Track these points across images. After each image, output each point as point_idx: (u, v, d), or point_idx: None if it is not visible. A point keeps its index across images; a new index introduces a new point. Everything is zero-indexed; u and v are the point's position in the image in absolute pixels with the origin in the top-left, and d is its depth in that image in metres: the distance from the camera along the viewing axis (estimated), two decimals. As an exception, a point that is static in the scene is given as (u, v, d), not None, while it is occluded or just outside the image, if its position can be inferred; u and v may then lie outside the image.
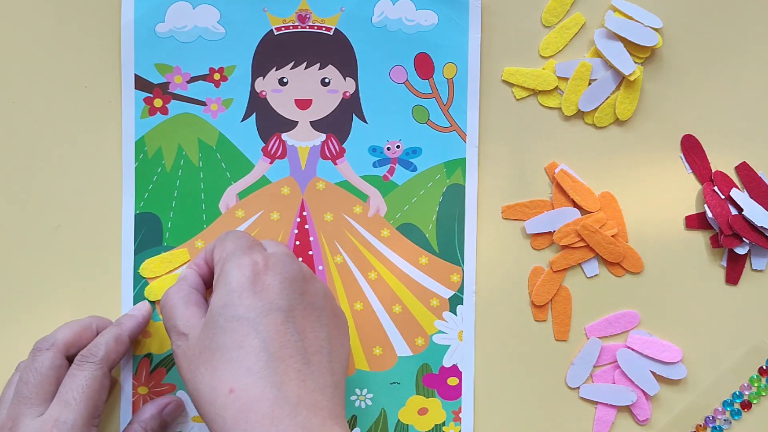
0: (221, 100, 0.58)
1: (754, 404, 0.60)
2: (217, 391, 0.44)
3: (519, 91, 0.60)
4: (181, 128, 0.59)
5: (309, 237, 0.59)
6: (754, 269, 0.60)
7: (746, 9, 0.60)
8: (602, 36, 0.59)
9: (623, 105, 0.59)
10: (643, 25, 0.58)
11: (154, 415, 0.56)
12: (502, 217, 0.60)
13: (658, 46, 0.58)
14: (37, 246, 0.59)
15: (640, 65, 0.59)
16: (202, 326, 0.48)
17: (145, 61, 0.58)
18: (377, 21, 0.58)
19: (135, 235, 0.59)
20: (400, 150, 0.59)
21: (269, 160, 0.59)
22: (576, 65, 0.59)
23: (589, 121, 0.60)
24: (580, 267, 0.60)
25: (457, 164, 0.59)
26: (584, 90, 0.59)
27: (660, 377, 0.60)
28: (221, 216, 0.59)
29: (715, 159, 0.60)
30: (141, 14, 0.58)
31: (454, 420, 0.60)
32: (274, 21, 0.58)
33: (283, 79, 0.59)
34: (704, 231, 0.60)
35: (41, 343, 0.53)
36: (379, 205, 0.59)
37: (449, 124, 0.59)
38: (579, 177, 0.60)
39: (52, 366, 0.51)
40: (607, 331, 0.60)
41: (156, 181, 0.59)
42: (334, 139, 0.59)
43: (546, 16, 0.59)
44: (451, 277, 0.59)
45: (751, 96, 0.60)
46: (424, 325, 0.59)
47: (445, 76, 0.59)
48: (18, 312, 0.59)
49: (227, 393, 0.44)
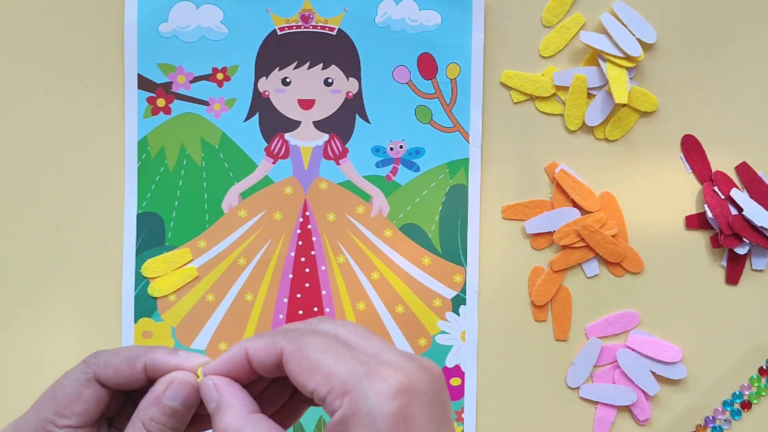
0: (224, 100, 0.58)
1: (754, 404, 0.61)
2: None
3: (516, 95, 0.60)
4: (183, 128, 0.58)
5: (312, 237, 0.59)
6: (754, 269, 0.60)
7: (746, 9, 0.60)
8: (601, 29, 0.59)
9: (626, 119, 0.60)
10: (633, 35, 0.58)
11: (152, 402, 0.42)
12: (502, 217, 0.60)
13: (640, 58, 0.59)
14: (38, 246, 0.59)
15: (636, 85, 0.59)
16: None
17: (148, 60, 0.58)
18: (380, 21, 0.58)
19: (137, 235, 0.58)
20: (403, 150, 0.59)
21: (272, 160, 0.59)
22: (572, 76, 0.59)
23: (600, 136, 0.60)
24: (580, 267, 0.60)
25: (460, 164, 0.59)
26: (584, 103, 0.59)
27: (660, 377, 0.60)
28: (224, 216, 0.59)
29: (715, 159, 0.60)
30: (144, 14, 0.58)
31: (456, 420, 0.60)
32: (278, 21, 0.58)
33: (286, 79, 0.59)
34: (704, 231, 0.60)
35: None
36: (382, 205, 0.59)
37: (452, 124, 0.59)
38: (579, 177, 0.60)
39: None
40: (607, 331, 0.60)
41: (158, 181, 0.58)
42: (337, 139, 0.59)
43: (546, 16, 0.60)
44: (453, 277, 0.59)
45: (751, 96, 0.60)
46: (426, 325, 0.59)
47: (448, 76, 0.59)
48: (18, 312, 0.59)
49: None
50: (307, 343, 0.37)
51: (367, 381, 0.36)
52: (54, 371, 0.59)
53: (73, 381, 0.42)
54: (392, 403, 0.36)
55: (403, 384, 0.36)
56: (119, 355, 0.41)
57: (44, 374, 0.59)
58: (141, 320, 0.59)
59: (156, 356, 0.41)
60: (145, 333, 0.58)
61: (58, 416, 0.41)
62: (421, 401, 0.37)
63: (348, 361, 0.37)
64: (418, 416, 0.36)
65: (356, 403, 0.35)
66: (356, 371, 0.36)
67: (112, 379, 0.41)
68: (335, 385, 0.36)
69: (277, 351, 0.38)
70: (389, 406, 0.35)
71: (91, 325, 0.59)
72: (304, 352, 0.37)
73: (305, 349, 0.37)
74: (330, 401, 0.36)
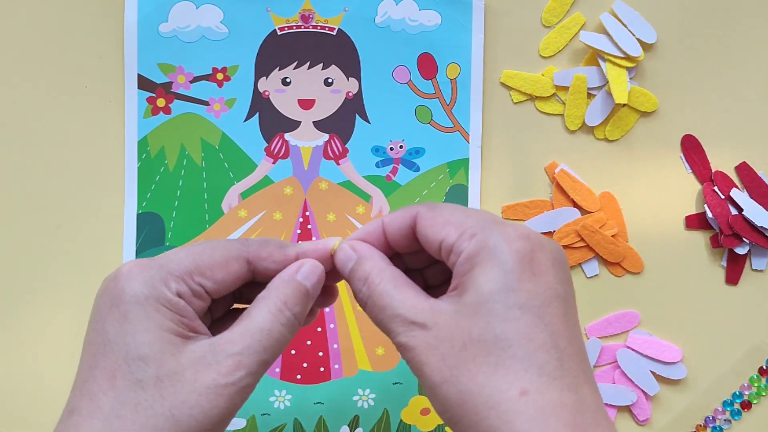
0: (224, 100, 0.58)
1: (754, 404, 0.61)
2: (502, 393, 0.36)
3: (516, 95, 0.60)
4: (183, 128, 0.58)
5: (312, 237, 0.59)
6: (754, 269, 0.60)
7: (746, 9, 0.60)
8: (601, 28, 0.59)
9: (626, 119, 0.60)
10: (633, 35, 0.58)
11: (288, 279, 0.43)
12: (503, 217, 0.60)
13: (640, 58, 0.59)
14: (38, 246, 0.59)
15: (635, 85, 0.59)
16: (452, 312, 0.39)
17: (149, 60, 0.58)
18: (380, 21, 0.58)
19: (137, 235, 0.58)
20: (403, 150, 0.59)
21: (272, 160, 0.59)
22: (572, 76, 0.59)
23: (600, 136, 0.60)
24: (580, 267, 0.60)
25: (460, 164, 0.59)
26: (584, 103, 0.59)
27: (660, 377, 0.60)
28: (224, 216, 0.59)
29: (715, 159, 0.60)
30: (144, 14, 0.58)
31: (456, 420, 0.60)
32: (278, 21, 0.58)
33: (286, 79, 0.59)
34: (704, 231, 0.61)
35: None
36: (382, 205, 0.59)
37: (452, 124, 0.59)
38: (579, 177, 0.60)
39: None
40: (607, 331, 0.60)
41: (158, 181, 0.58)
42: (337, 139, 0.59)
43: (546, 16, 0.60)
44: (453, 277, 0.59)
45: (751, 96, 0.60)
46: (426, 325, 0.59)
47: (448, 76, 0.59)
48: (18, 312, 0.59)
49: (518, 395, 0.36)
50: (441, 206, 0.41)
51: (496, 226, 0.39)
52: (53, 371, 0.59)
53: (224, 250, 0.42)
54: (518, 242, 0.38)
55: (531, 234, 0.39)
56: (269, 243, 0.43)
57: (43, 374, 0.59)
58: None
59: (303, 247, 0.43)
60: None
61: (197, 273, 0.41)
62: (546, 254, 0.39)
63: (479, 215, 0.40)
64: (543, 264, 0.39)
65: (484, 240, 0.38)
66: (487, 220, 0.39)
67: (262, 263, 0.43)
68: (466, 229, 0.39)
69: (413, 214, 0.42)
70: (515, 244, 0.38)
71: (91, 325, 0.59)
72: (438, 211, 0.41)
73: (440, 208, 0.41)
74: (458, 245, 0.39)
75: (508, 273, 0.38)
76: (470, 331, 0.37)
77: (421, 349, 0.38)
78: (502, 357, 0.37)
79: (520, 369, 0.36)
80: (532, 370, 0.36)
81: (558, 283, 0.39)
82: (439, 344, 0.38)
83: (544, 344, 0.37)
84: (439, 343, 0.38)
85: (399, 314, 0.39)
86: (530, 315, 0.37)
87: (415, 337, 0.39)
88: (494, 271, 0.38)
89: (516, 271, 0.38)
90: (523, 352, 0.37)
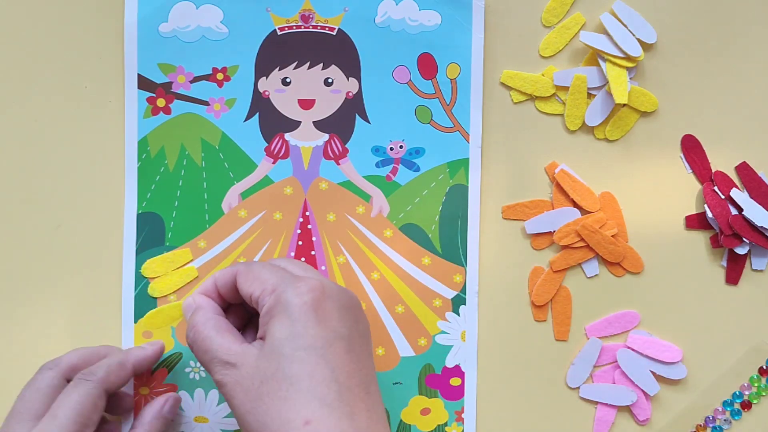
0: (224, 100, 0.58)
1: (754, 404, 0.61)
2: (290, 423, 0.44)
3: (516, 95, 0.60)
4: (183, 128, 0.58)
5: (312, 237, 0.59)
6: (754, 269, 0.60)
7: (746, 9, 0.60)
8: (601, 28, 0.59)
9: (626, 119, 0.60)
10: (633, 35, 0.58)
11: (155, 415, 0.55)
12: (503, 217, 0.60)
13: (640, 58, 0.59)
14: (38, 246, 0.59)
15: (635, 85, 0.59)
16: (255, 354, 0.47)
17: (148, 60, 0.58)
18: (380, 21, 0.58)
19: (137, 235, 0.58)
20: (403, 150, 0.59)
21: (272, 160, 0.59)
22: (572, 76, 0.59)
23: (600, 136, 0.60)
24: (580, 267, 0.60)
25: (460, 164, 0.59)
26: (584, 103, 0.59)
27: (660, 377, 0.60)
28: (224, 216, 0.59)
29: (715, 159, 0.60)
30: (144, 14, 0.58)
31: (456, 420, 0.60)
32: (278, 21, 0.58)
33: (286, 79, 0.59)
34: (704, 231, 0.61)
35: (47, 364, 0.53)
36: (382, 205, 0.59)
37: (452, 124, 0.59)
38: (579, 177, 0.60)
39: (50, 385, 0.51)
40: (607, 331, 0.60)
41: (158, 181, 0.58)
42: (337, 139, 0.59)
43: (546, 16, 0.60)
44: (453, 277, 0.59)
45: (751, 96, 0.60)
46: (426, 325, 0.59)
47: (448, 76, 0.59)
48: (18, 312, 0.59)
49: (302, 425, 0.44)
50: (254, 265, 0.51)
51: (291, 282, 0.48)
52: (54, 371, 0.59)
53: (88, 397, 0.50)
54: (307, 295, 0.47)
55: (318, 286, 0.48)
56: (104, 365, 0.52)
57: (44, 374, 0.59)
58: (141, 320, 0.59)
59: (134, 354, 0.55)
60: (145, 333, 0.58)
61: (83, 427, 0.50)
62: (333, 302, 0.48)
63: (281, 274, 0.49)
64: (329, 311, 0.47)
65: (279, 296, 0.47)
66: (285, 278, 0.48)
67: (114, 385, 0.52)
68: (267, 286, 0.48)
69: (234, 272, 0.51)
70: (304, 297, 0.47)
71: (91, 325, 0.59)
72: (250, 268, 0.50)
73: (253, 266, 0.51)
74: (261, 299, 0.48)
75: (295, 322, 0.46)
76: (266, 371, 0.45)
77: (231, 386, 0.47)
78: (289, 392, 0.44)
79: (304, 401, 0.44)
80: (315, 402, 0.44)
81: (342, 326, 0.47)
82: (244, 381, 0.46)
83: (324, 379, 0.45)
84: (244, 380, 0.46)
85: (216, 356, 0.48)
86: (314, 355, 0.45)
87: (227, 375, 0.47)
88: (284, 322, 0.46)
89: (302, 320, 0.46)
90: (306, 386, 0.44)
